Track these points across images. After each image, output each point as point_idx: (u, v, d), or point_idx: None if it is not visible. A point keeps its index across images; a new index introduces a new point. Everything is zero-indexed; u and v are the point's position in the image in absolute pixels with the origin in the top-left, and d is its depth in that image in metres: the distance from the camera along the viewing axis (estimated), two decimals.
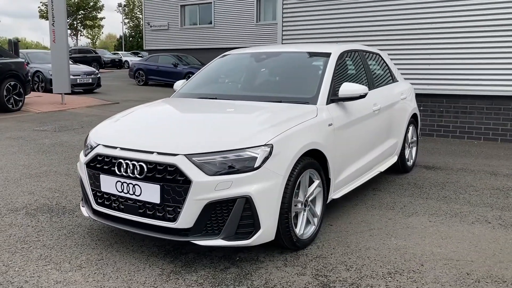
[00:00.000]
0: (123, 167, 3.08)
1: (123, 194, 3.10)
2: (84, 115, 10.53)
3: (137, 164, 3.03)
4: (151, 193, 2.97)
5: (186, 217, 2.90)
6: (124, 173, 3.08)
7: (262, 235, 2.98)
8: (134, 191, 3.04)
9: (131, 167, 3.05)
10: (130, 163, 3.06)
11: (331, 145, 3.65)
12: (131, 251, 3.34)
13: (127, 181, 3.06)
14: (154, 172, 2.98)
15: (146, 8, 28.10)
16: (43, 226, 3.82)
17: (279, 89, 4.33)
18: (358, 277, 2.96)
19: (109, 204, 3.23)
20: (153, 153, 3.01)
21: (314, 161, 3.40)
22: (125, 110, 4.11)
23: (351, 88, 3.88)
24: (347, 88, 3.88)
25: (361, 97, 3.94)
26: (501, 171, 5.83)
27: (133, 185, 3.03)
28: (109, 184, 3.16)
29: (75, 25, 56.85)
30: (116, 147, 3.20)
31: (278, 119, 3.37)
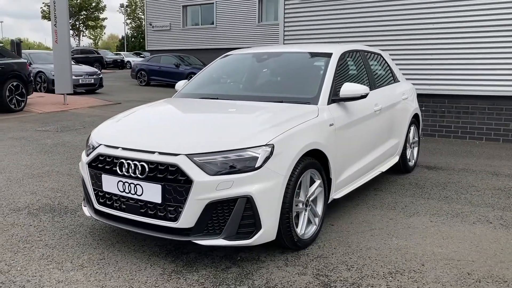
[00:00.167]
0: (125, 167, 3.09)
1: (124, 194, 3.11)
2: (86, 116, 10.55)
3: (138, 164, 3.04)
4: (153, 193, 2.98)
5: (187, 217, 2.91)
6: (125, 173, 3.09)
7: (263, 235, 2.99)
8: (135, 190, 3.05)
9: (132, 167, 3.06)
10: (131, 163, 3.07)
11: (332, 145, 3.66)
12: (132, 250, 3.35)
13: (129, 181, 3.07)
14: (155, 172, 2.99)
15: (148, 8, 28.14)
16: (45, 225, 3.84)
17: (281, 89, 4.33)
18: (359, 277, 2.97)
19: (110, 203, 3.24)
20: (155, 153, 3.02)
21: (315, 161, 3.41)
22: (127, 110, 4.12)
23: (352, 88, 3.89)
24: (348, 88, 3.88)
25: (362, 97, 3.94)
26: (502, 171, 5.82)
27: (135, 185, 3.05)
28: (110, 184, 3.17)
29: (77, 26, 56.94)
30: (117, 147, 3.21)
31: (279, 119, 3.38)
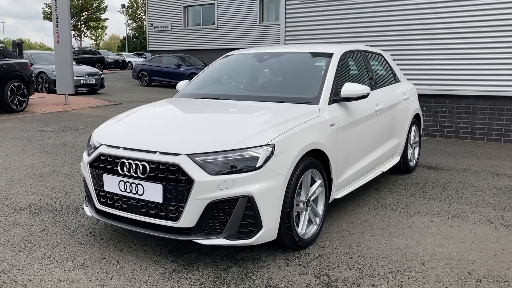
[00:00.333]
0: (126, 166, 3.10)
1: (126, 193, 3.12)
2: (87, 116, 10.57)
3: (139, 163, 3.05)
4: (154, 192, 2.99)
5: (188, 216, 2.92)
6: (127, 173, 3.10)
7: (264, 234, 3.00)
8: (137, 190, 3.06)
9: (134, 167, 3.07)
10: (133, 163, 3.08)
11: (333, 145, 3.66)
12: (133, 250, 3.36)
13: (130, 180, 3.08)
14: (156, 171, 2.99)
15: (149, 9, 28.19)
16: (47, 225, 3.85)
17: (282, 89, 4.33)
18: (359, 276, 2.97)
19: (112, 203, 3.25)
20: (156, 152, 3.03)
21: (316, 161, 3.41)
22: (128, 110, 4.13)
23: (353, 88, 3.89)
24: (349, 88, 3.89)
25: (363, 97, 3.95)
26: (504, 171, 5.82)
27: (136, 185, 3.05)
28: (112, 183, 3.18)
29: (79, 26, 56.98)
30: (119, 147, 3.22)
31: (280, 119, 3.39)
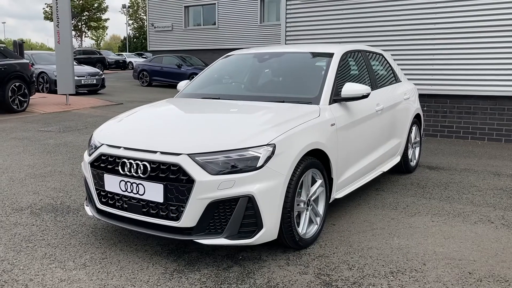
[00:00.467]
0: (127, 166, 3.11)
1: (126, 193, 3.12)
2: (88, 116, 10.58)
3: (140, 163, 3.05)
4: (155, 192, 2.99)
5: (189, 216, 2.92)
6: (127, 173, 3.10)
7: (264, 234, 3.00)
8: (137, 190, 3.06)
9: (134, 167, 3.07)
10: (133, 163, 3.08)
11: (334, 145, 3.66)
12: (134, 250, 3.36)
13: (131, 180, 3.08)
14: (157, 171, 3.00)
15: (150, 9, 28.19)
16: (48, 225, 3.85)
17: (282, 89, 4.34)
18: (360, 276, 2.97)
19: (113, 203, 3.26)
20: (157, 152, 3.03)
21: (316, 161, 3.41)
22: (129, 110, 4.13)
23: (354, 88, 3.89)
24: (349, 88, 3.89)
25: (364, 97, 3.95)
26: (504, 171, 5.82)
27: (137, 185, 3.06)
28: (113, 183, 3.18)
29: (80, 27, 57.01)
30: (120, 147, 3.22)
31: (280, 119, 3.39)
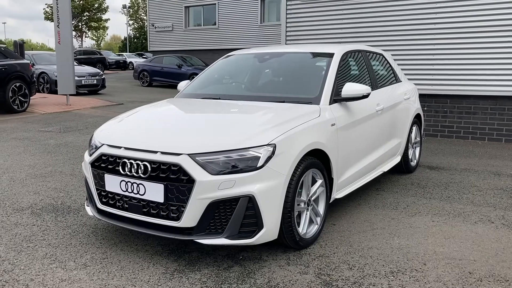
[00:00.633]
0: (127, 166, 3.11)
1: (127, 193, 3.12)
2: (88, 116, 10.58)
3: (141, 163, 3.06)
4: (155, 192, 3.00)
5: (189, 216, 2.93)
6: (128, 173, 3.10)
7: (265, 234, 3.00)
8: (138, 190, 3.07)
9: (135, 167, 3.08)
10: (134, 163, 3.09)
11: (334, 145, 3.67)
12: (135, 250, 3.37)
13: (131, 180, 3.08)
14: (158, 171, 3.00)
15: (150, 9, 28.20)
16: (48, 225, 3.86)
17: (282, 89, 4.34)
18: (360, 276, 2.98)
19: (113, 203, 3.26)
20: (157, 152, 3.04)
21: (317, 160, 3.42)
22: (129, 110, 4.14)
23: (354, 88, 3.89)
24: (349, 88, 3.89)
25: (364, 97, 3.95)
26: (505, 171, 5.82)
27: (137, 185, 3.06)
28: (113, 183, 3.19)
29: (80, 27, 57.04)
30: (120, 147, 3.23)
31: (281, 119, 3.39)
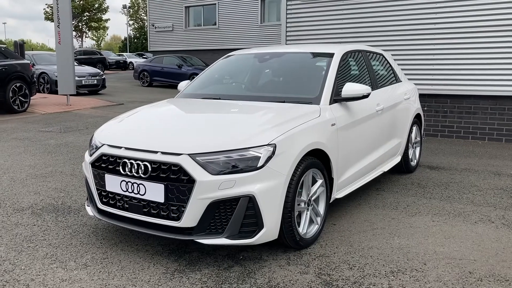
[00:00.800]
0: (128, 166, 3.11)
1: (127, 193, 3.13)
2: (89, 116, 10.59)
3: (141, 163, 3.06)
4: (156, 192, 3.00)
5: (190, 216, 2.93)
6: (128, 173, 3.11)
7: (265, 234, 3.01)
8: (138, 190, 3.07)
9: (135, 167, 3.08)
10: (134, 163, 3.09)
11: (334, 145, 3.67)
12: (135, 250, 3.37)
13: (132, 180, 3.09)
14: (158, 171, 3.01)
15: (150, 9, 28.21)
16: (49, 225, 3.86)
17: (283, 89, 4.34)
18: (360, 275, 2.98)
19: (114, 203, 3.26)
20: (157, 152, 3.04)
21: (317, 160, 3.42)
22: (129, 110, 4.14)
23: (354, 88, 3.90)
24: (350, 88, 3.90)
25: (364, 97, 3.95)
26: (505, 171, 5.82)
27: (138, 185, 3.06)
28: (114, 183, 3.19)
29: (80, 27, 57.04)
30: (120, 147, 3.23)
31: (281, 119, 3.40)
